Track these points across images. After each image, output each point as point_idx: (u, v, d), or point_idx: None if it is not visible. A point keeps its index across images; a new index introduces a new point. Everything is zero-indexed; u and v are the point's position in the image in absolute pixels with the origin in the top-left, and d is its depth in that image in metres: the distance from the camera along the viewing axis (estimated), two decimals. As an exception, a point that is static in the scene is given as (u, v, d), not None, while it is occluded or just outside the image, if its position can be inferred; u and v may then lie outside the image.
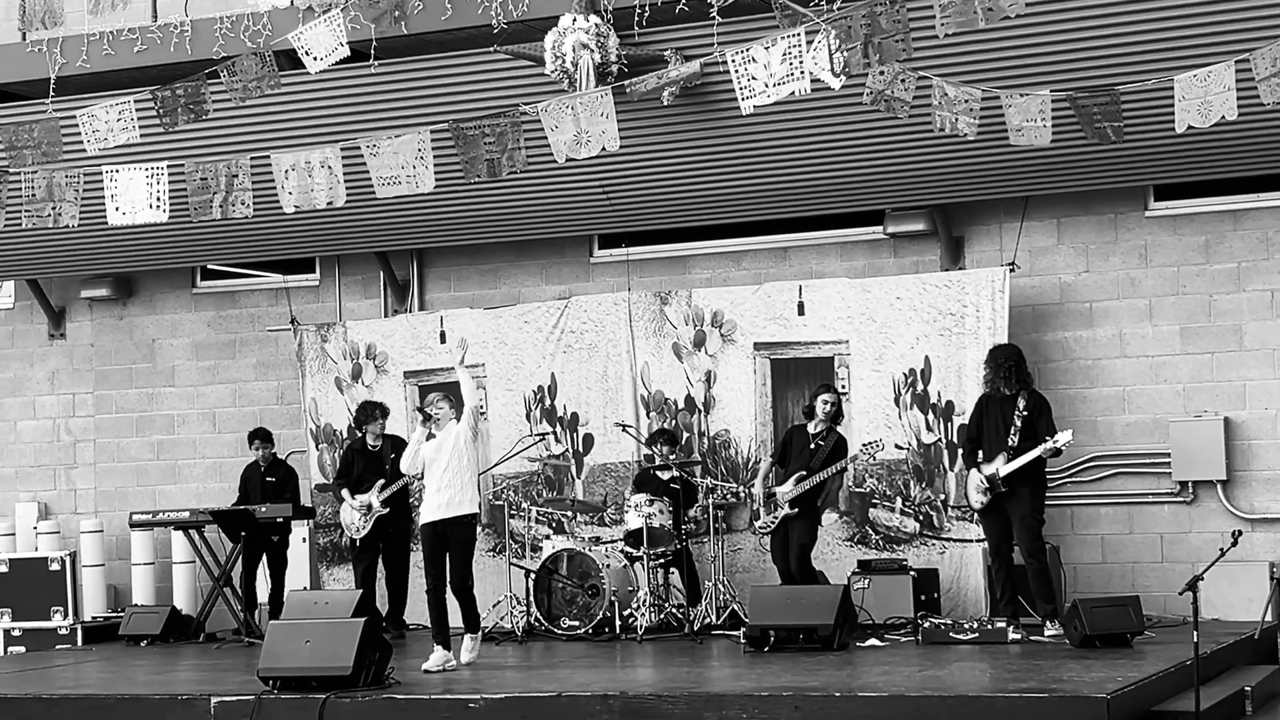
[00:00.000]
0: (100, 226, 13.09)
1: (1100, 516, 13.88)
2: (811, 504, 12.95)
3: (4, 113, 14.52)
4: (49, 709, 10.79)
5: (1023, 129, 11.32)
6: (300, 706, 10.14)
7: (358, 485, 14.13)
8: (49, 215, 12.54)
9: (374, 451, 14.24)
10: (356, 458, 14.31)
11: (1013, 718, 9.02)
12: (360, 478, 14.16)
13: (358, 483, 14.15)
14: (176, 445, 16.54)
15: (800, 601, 11.96)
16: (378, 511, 13.97)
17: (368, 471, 14.17)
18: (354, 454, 14.36)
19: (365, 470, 14.20)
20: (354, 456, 14.34)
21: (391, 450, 14.07)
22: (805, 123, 13.15)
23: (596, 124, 11.49)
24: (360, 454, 14.29)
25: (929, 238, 14.31)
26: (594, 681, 10.44)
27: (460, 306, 15.46)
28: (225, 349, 16.42)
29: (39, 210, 12.54)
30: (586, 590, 13.31)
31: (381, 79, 13.80)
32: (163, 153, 13.35)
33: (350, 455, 14.39)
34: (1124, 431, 13.81)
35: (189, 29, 14.27)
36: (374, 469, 14.14)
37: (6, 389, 17.09)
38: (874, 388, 13.93)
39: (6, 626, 15.34)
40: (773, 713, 9.39)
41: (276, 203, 12.52)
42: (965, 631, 11.88)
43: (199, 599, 15.43)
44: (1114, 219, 13.92)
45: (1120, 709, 9.04)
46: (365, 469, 14.20)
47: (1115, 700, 9.01)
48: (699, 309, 14.48)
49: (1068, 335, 13.97)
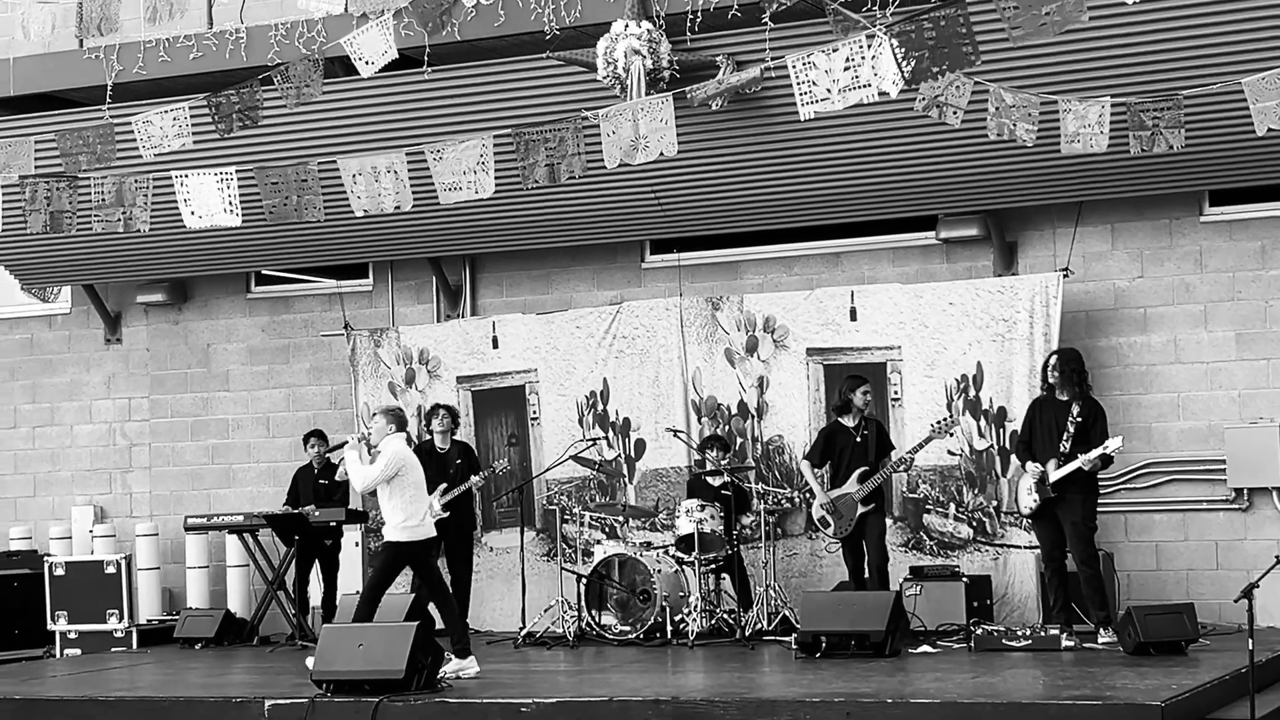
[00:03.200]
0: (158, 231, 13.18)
1: (1154, 523, 13.79)
2: (881, 495, 12.96)
3: (62, 119, 14.67)
4: (105, 711, 10.87)
5: (1078, 136, 11.22)
6: (353, 710, 10.19)
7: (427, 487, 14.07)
8: (119, 220, 12.64)
9: (441, 454, 14.21)
10: (423, 460, 14.24)
11: (1066, 725, 8.98)
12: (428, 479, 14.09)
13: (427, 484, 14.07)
14: (231, 449, 16.64)
15: (852, 607, 11.93)
16: (438, 515, 13.97)
17: (433, 473, 14.13)
18: (421, 455, 14.28)
19: (431, 472, 14.15)
20: (421, 458, 14.26)
21: (459, 456, 14.10)
22: (858, 128, 13.13)
23: (656, 129, 11.51)
24: (428, 455, 14.22)
25: (982, 243, 14.26)
26: (645, 686, 10.45)
27: (512, 312, 15.50)
28: (279, 354, 16.51)
29: (109, 215, 12.65)
30: (638, 595, 13.32)
31: (434, 85, 13.87)
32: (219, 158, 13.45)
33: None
34: (1179, 438, 13.72)
35: (244, 36, 14.37)
36: (439, 471, 14.12)
37: (63, 393, 17.25)
38: (926, 393, 13.89)
39: (63, 629, 15.46)
40: (824, 719, 9.37)
41: (335, 208, 12.58)
42: (1018, 638, 11.83)
43: (253, 602, 15.52)
44: (1169, 224, 13.84)
45: (1174, 717, 8.98)
46: (431, 471, 14.16)
47: (1169, 708, 8.95)
48: (751, 314, 14.47)
49: (1122, 341, 13.90)
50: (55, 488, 17.22)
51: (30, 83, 15.35)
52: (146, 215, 12.62)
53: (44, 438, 17.30)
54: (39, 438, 17.31)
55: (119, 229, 12.71)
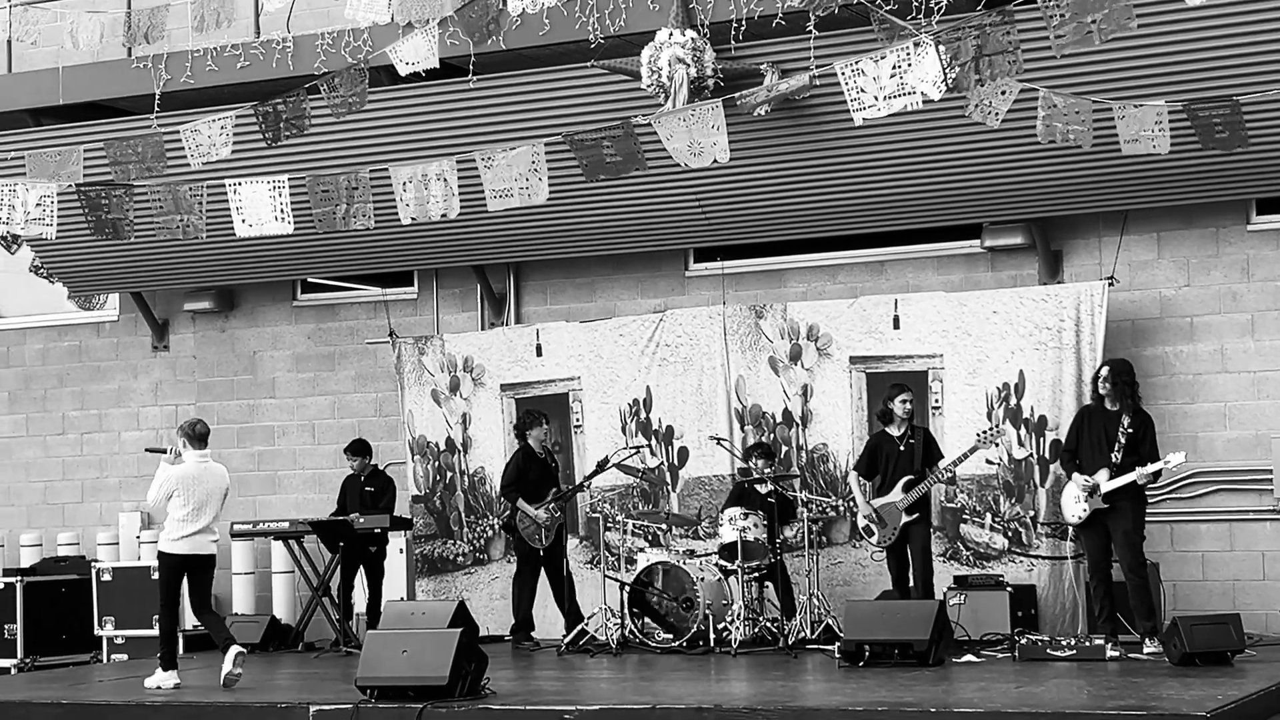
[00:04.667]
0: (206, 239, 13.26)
1: (1200, 533, 13.72)
2: (926, 504, 12.93)
3: (110, 128, 14.78)
4: (151, 716, 10.95)
5: (1138, 139, 11.14)
6: (397, 716, 10.23)
7: (536, 492, 14.06)
8: (178, 227, 12.75)
9: (542, 458, 14.26)
10: (530, 464, 14.18)
11: (1110, 735, 8.95)
12: (538, 484, 14.10)
13: (536, 489, 14.07)
14: (277, 456, 16.73)
15: (896, 616, 11.90)
16: (557, 520, 14.02)
17: (543, 479, 14.18)
18: (527, 460, 14.21)
19: (540, 477, 14.21)
20: (527, 464, 14.18)
21: (550, 460, 14.22)
22: (902, 136, 13.12)
23: (708, 136, 11.52)
24: (532, 460, 14.19)
25: (1027, 251, 14.22)
26: (688, 694, 10.45)
27: (556, 320, 15.54)
28: (325, 361, 16.59)
29: (168, 222, 12.76)
30: (681, 603, 13.32)
31: (479, 94, 13.93)
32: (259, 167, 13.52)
33: (524, 462, 14.16)
34: (1225, 448, 13.65)
35: (291, 45, 14.46)
36: (547, 476, 14.17)
37: (111, 400, 17.37)
38: (967, 401, 13.85)
39: (110, 634, 15.57)
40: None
41: (381, 216, 12.64)
42: (1062, 648, 11.79)
43: (298, 608, 15.59)
44: (1215, 233, 13.77)
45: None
46: (540, 476, 14.22)
47: (1215, 719, 8.90)
48: (794, 323, 14.46)
49: (1168, 350, 13.84)
50: (103, 494, 17.35)
51: (79, 91, 15.49)
52: (203, 222, 12.72)
53: (92, 444, 17.43)
54: (87, 444, 17.44)
55: (179, 236, 12.80)
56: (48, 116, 15.69)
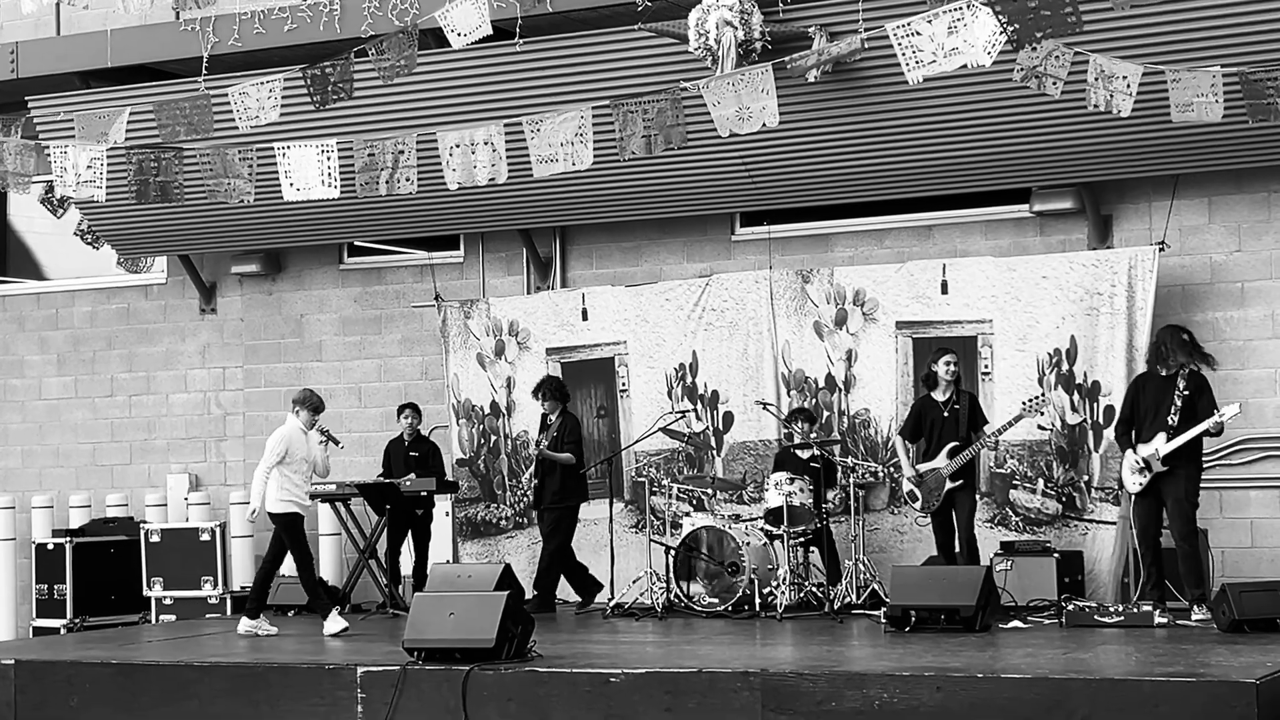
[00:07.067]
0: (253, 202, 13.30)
1: (1250, 500, 13.64)
2: (971, 471, 12.88)
3: (159, 91, 14.82)
4: (200, 676, 11.02)
5: (1191, 105, 11.02)
6: (444, 678, 10.27)
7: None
8: (227, 189, 12.79)
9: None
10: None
11: (1159, 702, 8.90)
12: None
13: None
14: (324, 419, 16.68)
15: (942, 582, 11.88)
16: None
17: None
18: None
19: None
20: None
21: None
22: (951, 99, 13.04)
23: (758, 100, 11.47)
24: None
25: (1076, 216, 14.12)
26: (734, 658, 10.46)
27: (602, 284, 15.53)
28: (371, 325, 16.63)
29: (218, 185, 12.80)
30: (727, 568, 13.33)
31: (526, 57, 13.90)
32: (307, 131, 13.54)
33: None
34: (1276, 414, 13.55)
35: (338, 8, 14.46)
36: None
37: (159, 363, 17.45)
38: (1017, 367, 13.79)
39: (158, 595, 15.69)
40: (914, 693, 9.35)
41: (427, 180, 12.64)
42: (1110, 614, 11.75)
43: (345, 571, 15.68)
44: (1267, 197, 13.65)
45: (1270, 695, 8.88)
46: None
47: (1265, 685, 8.85)
48: (841, 287, 14.41)
49: (1218, 315, 13.74)
50: (151, 456, 17.45)
51: (127, 54, 15.53)
52: (251, 186, 12.76)
53: (140, 406, 17.52)
54: (135, 406, 17.54)
55: (229, 200, 12.85)
56: (97, 79, 15.74)
